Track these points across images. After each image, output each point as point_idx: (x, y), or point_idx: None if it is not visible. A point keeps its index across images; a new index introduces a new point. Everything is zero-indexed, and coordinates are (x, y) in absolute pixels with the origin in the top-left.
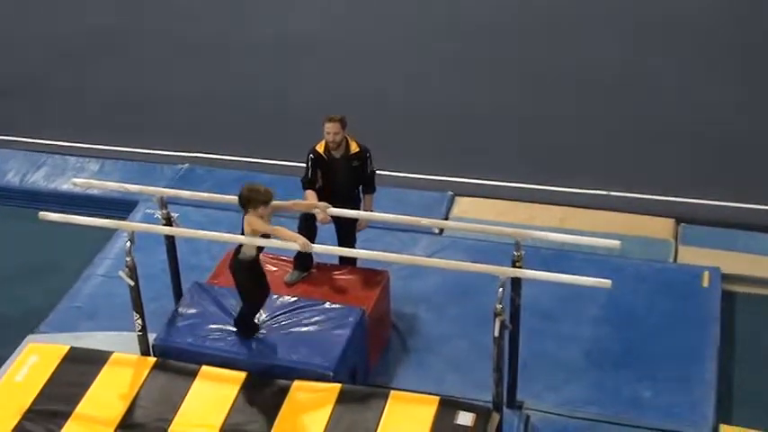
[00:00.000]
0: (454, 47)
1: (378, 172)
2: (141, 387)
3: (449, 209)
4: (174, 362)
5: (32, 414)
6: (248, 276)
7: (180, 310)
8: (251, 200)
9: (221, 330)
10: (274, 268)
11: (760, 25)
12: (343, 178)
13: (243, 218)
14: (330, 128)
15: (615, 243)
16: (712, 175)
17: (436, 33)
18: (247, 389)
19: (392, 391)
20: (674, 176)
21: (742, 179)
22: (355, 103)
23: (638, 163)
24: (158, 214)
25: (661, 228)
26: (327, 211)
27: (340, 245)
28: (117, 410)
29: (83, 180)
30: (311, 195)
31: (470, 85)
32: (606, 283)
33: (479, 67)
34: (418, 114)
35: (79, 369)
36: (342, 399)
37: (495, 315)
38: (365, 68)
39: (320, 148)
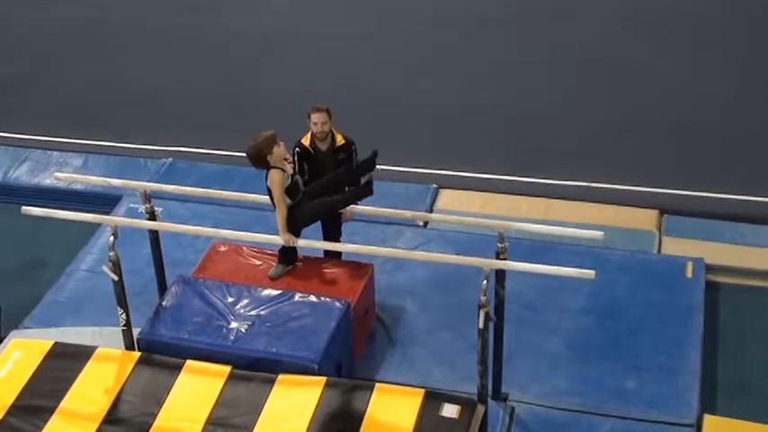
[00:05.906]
0: (438, 39)
1: None
2: (126, 382)
3: (433, 201)
4: (159, 356)
5: (16, 410)
6: (305, 212)
7: (164, 304)
8: (263, 150)
9: (206, 324)
10: (259, 262)
11: (744, 17)
12: (330, 171)
13: (266, 176)
14: (317, 118)
15: (598, 234)
16: (695, 166)
17: (419, 26)
18: (232, 383)
19: (377, 384)
20: (658, 167)
21: (725, 170)
22: (339, 95)
23: (622, 154)
24: (142, 209)
25: (644, 219)
26: None
27: (325, 238)
28: (102, 405)
29: (66, 175)
30: None
31: (454, 77)
32: (590, 273)
33: (463, 60)
34: (402, 107)
35: (63, 364)
36: (327, 392)
37: (480, 307)
38: (349, 61)
39: (306, 141)
